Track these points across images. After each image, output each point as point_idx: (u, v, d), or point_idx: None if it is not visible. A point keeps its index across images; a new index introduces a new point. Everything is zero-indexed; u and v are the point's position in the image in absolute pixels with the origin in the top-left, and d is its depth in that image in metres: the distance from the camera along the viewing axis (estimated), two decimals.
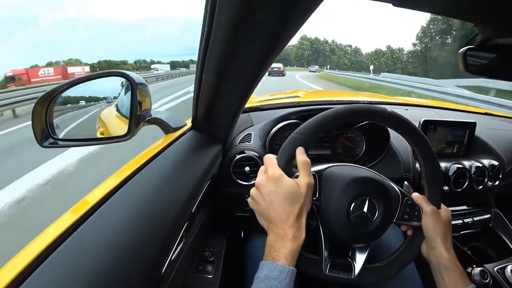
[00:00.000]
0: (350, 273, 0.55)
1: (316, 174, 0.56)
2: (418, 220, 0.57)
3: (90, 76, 0.66)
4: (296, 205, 0.50)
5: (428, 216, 0.57)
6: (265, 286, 0.46)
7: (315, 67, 52.86)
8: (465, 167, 1.00)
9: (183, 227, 0.56)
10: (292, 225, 0.49)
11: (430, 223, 0.56)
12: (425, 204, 0.58)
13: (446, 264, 0.55)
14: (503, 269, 0.89)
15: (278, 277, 0.46)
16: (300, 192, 0.51)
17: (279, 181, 0.51)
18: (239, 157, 0.87)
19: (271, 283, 0.45)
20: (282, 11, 0.39)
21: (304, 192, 0.51)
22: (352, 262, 0.56)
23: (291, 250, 0.48)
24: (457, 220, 1.07)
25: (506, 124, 1.37)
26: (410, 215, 0.57)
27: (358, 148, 1.05)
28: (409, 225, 0.58)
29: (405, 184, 0.59)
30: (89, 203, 0.44)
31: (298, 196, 0.51)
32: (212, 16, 0.43)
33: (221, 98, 0.65)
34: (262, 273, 0.47)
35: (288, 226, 0.49)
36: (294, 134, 0.55)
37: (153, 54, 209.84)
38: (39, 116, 0.61)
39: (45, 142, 0.62)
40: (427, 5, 0.44)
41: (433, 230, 0.56)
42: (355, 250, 0.57)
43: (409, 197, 0.58)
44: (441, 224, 0.57)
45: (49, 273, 0.33)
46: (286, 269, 0.47)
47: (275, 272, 0.46)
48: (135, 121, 0.63)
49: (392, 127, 0.58)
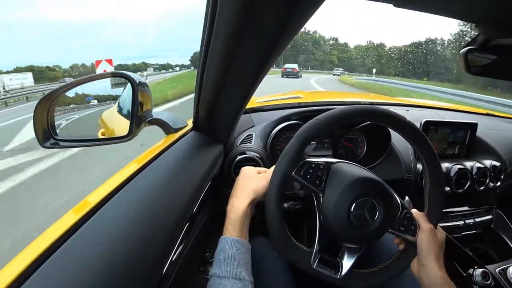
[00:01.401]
0: (336, 273, 0.55)
1: (326, 165, 0.57)
2: (413, 235, 0.57)
3: (92, 77, 0.66)
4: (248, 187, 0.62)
5: (424, 234, 0.57)
6: (217, 260, 0.52)
7: (339, 70, 42.10)
8: (466, 168, 1.00)
9: (184, 228, 0.56)
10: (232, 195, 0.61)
11: (426, 241, 0.56)
12: (423, 221, 0.58)
13: (439, 282, 0.55)
14: (505, 270, 0.89)
15: (223, 248, 0.52)
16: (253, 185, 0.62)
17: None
18: (240, 158, 0.87)
19: (220, 256, 0.51)
20: (283, 12, 0.39)
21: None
22: (340, 262, 0.56)
23: (230, 221, 0.56)
24: (459, 221, 1.07)
25: (508, 124, 1.37)
26: (407, 228, 0.57)
27: (359, 149, 1.05)
28: (403, 238, 0.58)
29: (406, 199, 0.59)
30: (90, 204, 0.44)
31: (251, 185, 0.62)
32: (213, 16, 0.43)
33: (222, 98, 0.65)
34: (216, 251, 0.54)
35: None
36: (315, 119, 0.55)
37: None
38: (41, 116, 0.62)
39: (47, 142, 0.63)
40: (429, 6, 0.44)
41: (427, 248, 0.56)
42: (346, 251, 0.57)
43: (409, 211, 0.58)
44: (436, 244, 0.57)
45: (50, 274, 0.33)
46: (230, 240, 0.52)
47: (221, 245, 0.53)
48: (136, 122, 0.63)
49: (411, 140, 0.59)
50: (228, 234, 0.54)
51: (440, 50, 48.00)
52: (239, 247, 0.52)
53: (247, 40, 0.45)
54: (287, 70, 24.95)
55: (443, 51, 46.43)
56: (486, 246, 1.13)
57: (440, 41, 50.24)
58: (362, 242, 0.56)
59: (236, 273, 0.48)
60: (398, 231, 0.57)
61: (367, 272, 0.58)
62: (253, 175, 0.66)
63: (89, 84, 0.67)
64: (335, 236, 0.55)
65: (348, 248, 0.57)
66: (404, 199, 0.59)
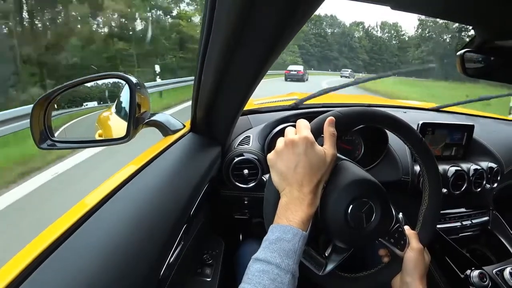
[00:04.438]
0: (320, 269, 0.55)
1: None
2: (401, 249, 0.57)
3: (88, 79, 0.66)
4: (319, 172, 0.50)
5: (413, 252, 0.57)
6: (277, 248, 0.44)
7: (347, 71, 36.44)
8: (463, 169, 1.00)
9: (181, 230, 0.55)
10: (311, 191, 0.49)
11: (413, 260, 0.56)
12: (414, 239, 0.58)
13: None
14: (501, 271, 0.89)
15: (292, 240, 0.45)
16: (325, 161, 0.51)
17: (311, 146, 0.50)
18: (237, 159, 0.87)
19: (283, 245, 0.44)
20: (281, 13, 0.39)
21: (329, 162, 0.51)
22: (326, 259, 0.56)
23: (307, 215, 0.47)
24: (456, 223, 1.07)
25: (504, 126, 1.38)
26: (396, 241, 0.57)
27: (357, 151, 1.05)
28: (391, 250, 0.58)
29: (400, 215, 0.60)
30: (87, 206, 0.44)
31: (323, 164, 0.50)
32: (212, 18, 0.43)
33: (220, 100, 0.65)
34: (273, 235, 0.46)
35: (308, 191, 0.48)
36: (336, 111, 0.55)
37: None
38: (37, 118, 0.61)
39: (43, 144, 0.62)
40: (425, 8, 0.44)
41: (414, 268, 0.56)
42: (334, 249, 0.57)
43: (402, 226, 0.59)
44: (422, 265, 0.57)
45: (47, 275, 0.33)
46: (300, 233, 0.46)
47: (288, 235, 0.45)
48: (134, 124, 0.63)
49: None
50: (298, 226, 0.46)
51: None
52: (303, 245, 0.47)
53: (245, 41, 0.45)
54: (291, 72, 21.47)
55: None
56: (483, 247, 1.13)
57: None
58: (352, 243, 0.56)
59: (295, 269, 0.44)
60: (388, 242, 0.57)
61: (348, 277, 0.58)
62: (323, 157, 0.51)
63: (86, 86, 0.66)
64: (328, 231, 0.55)
65: (336, 247, 0.57)
66: (399, 214, 0.60)
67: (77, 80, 0.65)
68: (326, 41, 74.67)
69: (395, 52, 77.77)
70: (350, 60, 74.90)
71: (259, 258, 0.44)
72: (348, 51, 77.19)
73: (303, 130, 0.52)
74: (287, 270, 0.43)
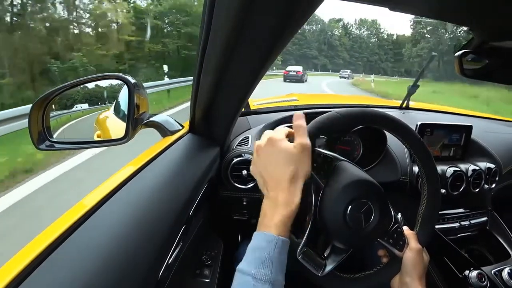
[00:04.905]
0: (319, 270, 0.54)
1: (333, 159, 0.57)
2: (400, 250, 0.58)
3: (87, 79, 0.66)
4: (289, 167, 0.48)
5: (412, 253, 0.57)
6: (253, 258, 0.43)
7: (346, 72, 36.07)
8: (461, 170, 1.00)
9: (180, 230, 0.55)
10: (284, 189, 0.47)
11: (412, 261, 0.56)
12: (413, 240, 0.58)
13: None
14: (500, 271, 0.89)
15: (266, 248, 0.43)
16: (294, 153, 0.49)
17: (274, 144, 0.50)
18: (236, 160, 0.87)
19: (258, 254, 0.43)
20: (280, 14, 0.39)
21: (299, 153, 0.49)
22: (325, 260, 0.56)
23: (284, 217, 0.46)
24: (454, 223, 1.08)
25: (502, 127, 1.38)
26: (395, 242, 0.57)
27: (355, 152, 1.05)
28: (390, 250, 0.58)
29: (399, 215, 0.60)
30: (85, 207, 0.43)
31: (291, 157, 0.49)
32: (211, 18, 0.43)
33: (219, 101, 0.65)
34: (252, 243, 0.45)
35: (280, 190, 0.47)
36: (335, 112, 0.55)
37: None
38: (36, 118, 0.61)
39: (42, 144, 0.62)
40: (423, 9, 0.44)
41: (413, 268, 0.56)
42: (333, 250, 0.57)
43: (401, 226, 0.59)
44: (421, 264, 0.57)
45: (45, 277, 0.32)
46: (274, 240, 0.44)
47: (263, 243, 0.44)
48: (133, 124, 0.63)
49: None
50: (273, 231, 0.45)
51: None
52: (285, 252, 0.46)
53: (244, 42, 0.45)
54: (290, 73, 21.08)
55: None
56: (481, 248, 1.13)
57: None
58: (351, 243, 0.56)
59: (274, 278, 0.42)
60: (387, 243, 0.57)
61: (347, 277, 0.58)
62: (290, 150, 0.49)
63: (85, 86, 0.66)
64: (327, 231, 0.55)
65: (335, 248, 0.57)
66: (397, 215, 0.60)
67: (75, 81, 0.65)
68: (305, 38, 71.00)
69: (375, 50, 75.59)
70: (330, 59, 71.94)
71: (239, 269, 0.44)
72: (328, 49, 74.12)
73: (268, 133, 0.52)
74: (264, 280, 0.41)
